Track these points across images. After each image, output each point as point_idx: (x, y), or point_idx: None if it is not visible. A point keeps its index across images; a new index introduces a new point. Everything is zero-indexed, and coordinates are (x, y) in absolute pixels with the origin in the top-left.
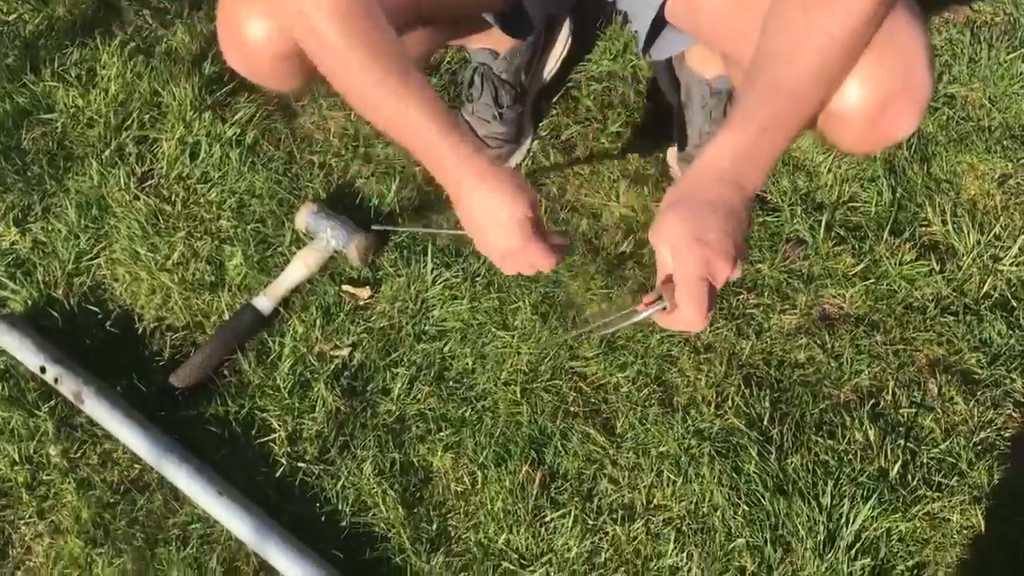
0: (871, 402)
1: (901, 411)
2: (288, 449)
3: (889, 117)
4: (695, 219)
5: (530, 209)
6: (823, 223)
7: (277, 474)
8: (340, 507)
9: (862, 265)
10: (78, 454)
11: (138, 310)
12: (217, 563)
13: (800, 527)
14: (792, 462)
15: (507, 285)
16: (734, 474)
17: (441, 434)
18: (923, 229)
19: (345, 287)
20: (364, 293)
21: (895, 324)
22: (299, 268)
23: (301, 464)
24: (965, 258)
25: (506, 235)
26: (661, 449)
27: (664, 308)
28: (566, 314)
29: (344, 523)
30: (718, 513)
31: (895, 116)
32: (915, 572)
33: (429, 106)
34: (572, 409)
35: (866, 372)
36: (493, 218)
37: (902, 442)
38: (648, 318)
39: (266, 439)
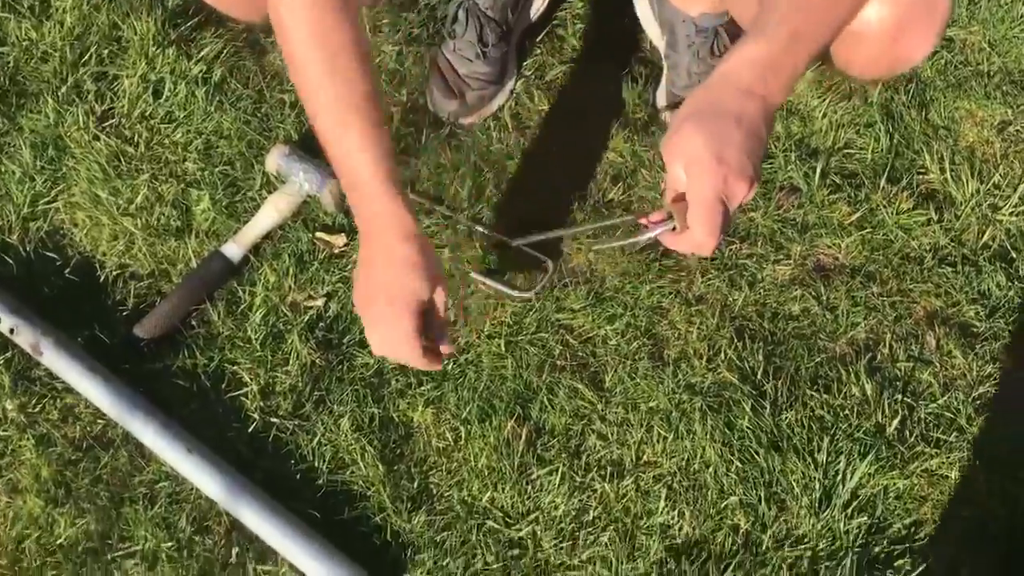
0: (867, 356)
1: (898, 365)
2: (261, 404)
3: (908, 38)
4: (715, 133)
5: (431, 298)
6: (818, 170)
7: (249, 430)
8: (316, 464)
9: (858, 214)
10: (36, 409)
11: (99, 257)
12: (187, 522)
13: (795, 484)
14: (787, 417)
15: (491, 232)
16: (727, 430)
17: (422, 388)
18: (920, 177)
19: (319, 234)
20: (339, 240)
21: (892, 275)
22: (270, 214)
23: (274, 420)
24: (963, 207)
25: (391, 313)
26: (651, 404)
27: (673, 228)
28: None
29: (320, 481)
30: (710, 470)
31: (914, 37)
32: (912, 530)
33: (372, 141)
34: (559, 363)
35: (862, 325)
36: (389, 288)
37: (899, 397)
38: (654, 238)
39: (237, 393)
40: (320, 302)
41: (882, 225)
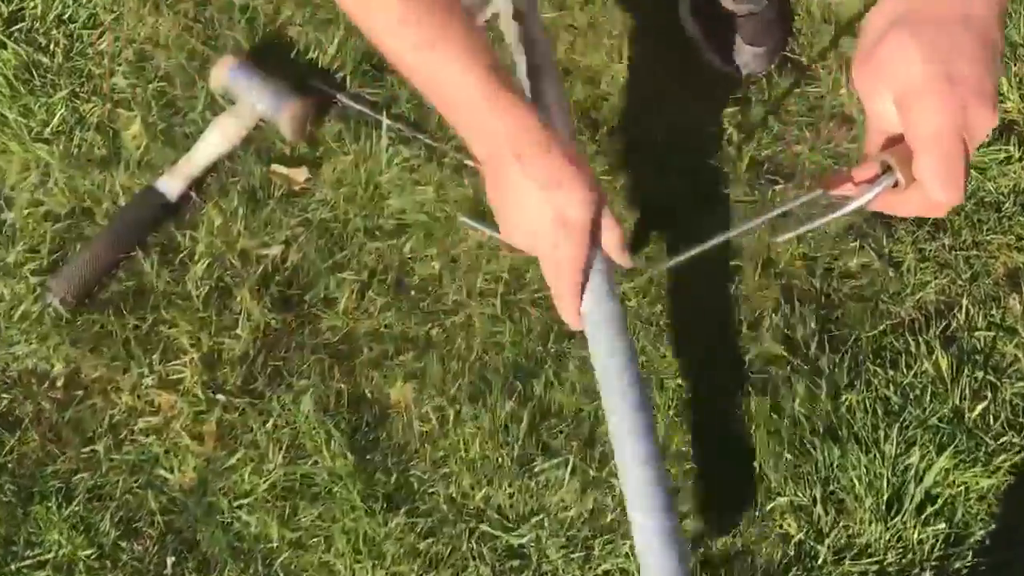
0: (940, 323)
1: (977, 334)
2: (203, 377)
3: None
4: (937, 44)
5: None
6: None
7: (188, 410)
8: (270, 453)
9: None
10: None
11: (7, 192)
12: (111, 524)
13: (857, 482)
14: (846, 400)
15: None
16: (774, 414)
17: (401, 358)
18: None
19: (276, 167)
20: (300, 175)
21: (964, 224)
22: (216, 141)
23: (220, 396)
24: None
25: (563, 235)
26: (680, 381)
27: (896, 184)
28: None
29: (276, 474)
30: (754, 464)
31: None
32: (999, 540)
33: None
34: (567, 328)
35: (932, 284)
36: (554, 216)
37: (980, 374)
38: (866, 204)
39: (175, 363)
40: (276, 250)
41: None
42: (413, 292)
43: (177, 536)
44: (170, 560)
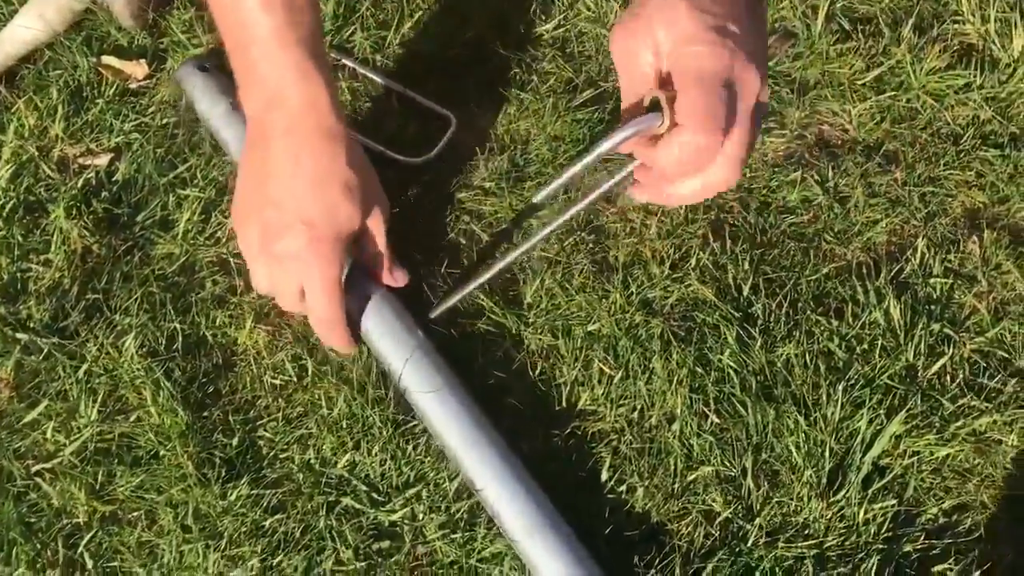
0: (893, 267)
1: (932, 281)
2: (1, 309)
3: None
4: (707, 4)
5: (363, 226)
6: (822, 10)
7: None
8: (82, 407)
9: (874, 72)
10: None
11: None
12: None
13: (795, 450)
14: (783, 353)
15: (364, 70)
16: (699, 367)
17: (251, 296)
18: (956, 27)
19: (108, 59)
20: (139, 71)
21: (919, 156)
22: (32, 24)
23: (21, 335)
24: (1012, 71)
25: (310, 250)
26: (590, 328)
27: (660, 125)
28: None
29: (87, 433)
30: (674, 427)
31: None
32: (953, 517)
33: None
34: (457, 262)
35: (883, 223)
36: (304, 210)
37: (936, 327)
38: (629, 137)
39: None
40: (103, 160)
41: (905, 88)
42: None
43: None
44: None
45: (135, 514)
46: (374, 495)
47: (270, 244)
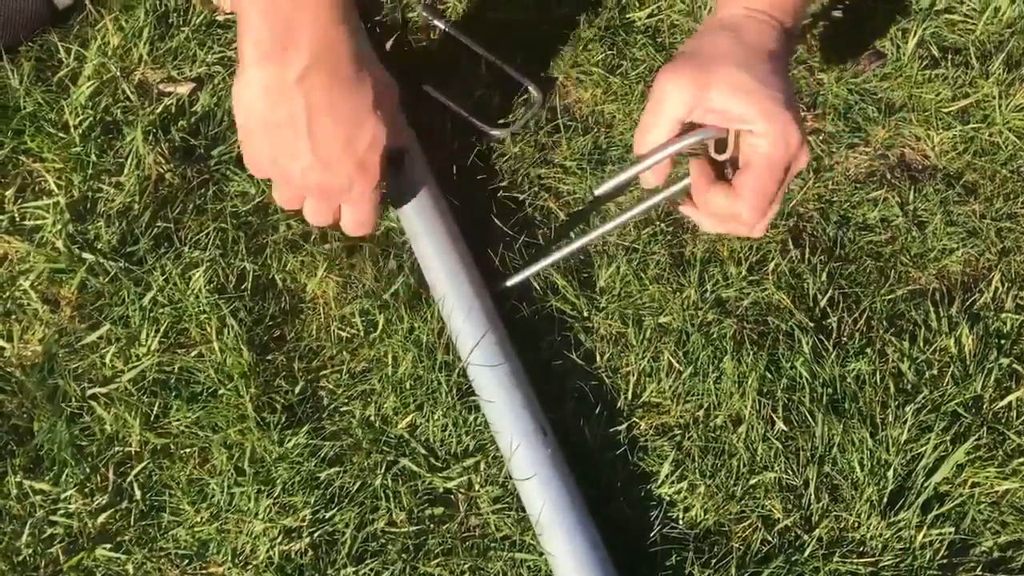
0: (965, 297)
1: (1005, 316)
2: (68, 227)
3: None
4: (774, 81)
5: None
6: (912, 35)
7: (43, 266)
8: (143, 335)
9: (960, 103)
10: None
11: None
12: None
13: (858, 467)
14: (854, 368)
15: (451, 29)
16: (769, 372)
17: (326, 246)
18: None
19: None
20: (226, 2)
21: (998, 192)
22: None
23: (88, 255)
24: None
25: (352, 163)
26: (661, 320)
27: (716, 149)
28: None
29: (147, 362)
30: (740, 429)
31: None
32: (1008, 552)
33: None
34: (533, 238)
35: (959, 253)
36: (341, 123)
37: (1005, 361)
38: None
39: (32, 205)
40: (186, 89)
41: (990, 122)
42: None
43: (5, 422)
44: None
45: (188, 450)
46: (432, 460)
47: (299, 159)
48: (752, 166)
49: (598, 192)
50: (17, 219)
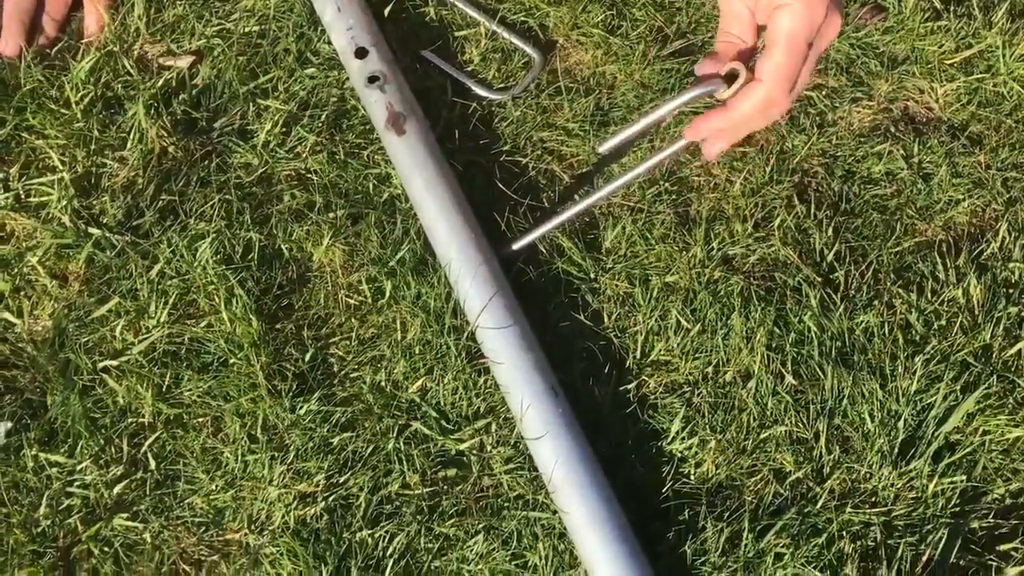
0: (972, 247)
1: (1012, 266)
2: (73, 203)
3: None
4: None
5: None
6: None
7: (49, 243)
8: (152, 307)
9: (963, 54)
10: None
11: None
12: None
13: (869, 419)
14: (863, 321)
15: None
16: (778, 328)
17: (331, 214)
18: None
19: None
20: None
21: (1003, 142)
22: None
23: (94, 230)
24: None
25: None
26: (668, 279)
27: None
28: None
29: (157, 334)
30: (749, 384)
31: None
32: (1020, 499)
33: None
34: (536, 201)
35: (965, 204)
36: None
37: (1014, 310)
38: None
39: (36, 181)
40: (185, 62)
41: (994, 72)
42: (353, 137)
43: (18, 397)
44: (3, 427)
45: (200, 419)
46: (443, 423)
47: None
48: (773, 46)
49: (602, 149)
50: (22, 196)
